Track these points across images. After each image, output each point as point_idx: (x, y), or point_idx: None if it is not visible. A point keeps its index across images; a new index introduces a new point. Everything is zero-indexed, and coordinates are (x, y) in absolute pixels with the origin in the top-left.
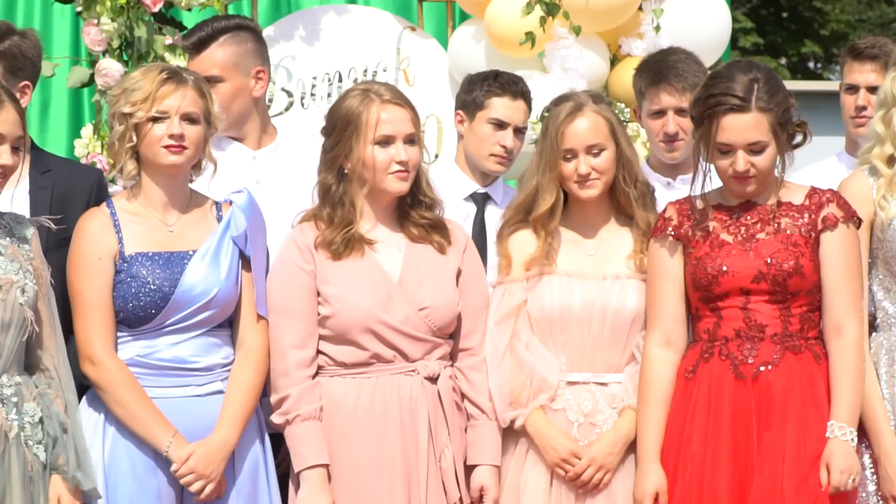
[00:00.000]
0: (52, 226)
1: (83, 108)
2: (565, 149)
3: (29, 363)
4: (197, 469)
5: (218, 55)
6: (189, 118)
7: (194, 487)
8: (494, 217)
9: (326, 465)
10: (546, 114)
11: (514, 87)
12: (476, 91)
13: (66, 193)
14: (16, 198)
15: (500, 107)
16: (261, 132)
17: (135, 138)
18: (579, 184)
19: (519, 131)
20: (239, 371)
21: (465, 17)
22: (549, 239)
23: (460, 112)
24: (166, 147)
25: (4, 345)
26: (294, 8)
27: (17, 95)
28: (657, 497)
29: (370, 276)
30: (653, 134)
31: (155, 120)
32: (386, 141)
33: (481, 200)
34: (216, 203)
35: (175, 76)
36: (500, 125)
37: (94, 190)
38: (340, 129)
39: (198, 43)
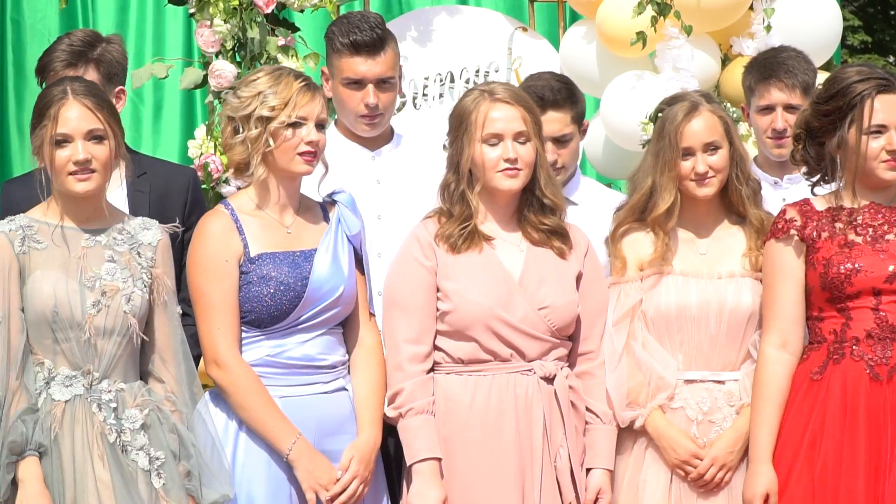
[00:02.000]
0: (179, 230)
1: (196, 110)
2: (683, 147)
3: (144, 371)
4: (360, 473)
5: (391, 56)
6: (321, 125)
7: (349, 491)
8: (571, 216)
9: (438, 459)
10: (659, 114)
11: (539, 101)
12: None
13: (163, 195)
14: (114, 202)
15: (549, 122)
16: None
17: (272, 143)
18: (696, 182)
19: (558, 141)
20: (366, 370)
21: (576, 17)
22: (666, 239)
23: None
24: (301, 154)
25: (105, 351)
26: (406, 9)
27: (113, 101)
28: (767, 498)
29: (491, 273)
30: (760, 130)
31: (293, 126)
32: (494, 139)
33: None
34: (320, 203)
35: (310, 83)
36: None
37: (190, 190)
38: (455, 127)
39: (377, 42)
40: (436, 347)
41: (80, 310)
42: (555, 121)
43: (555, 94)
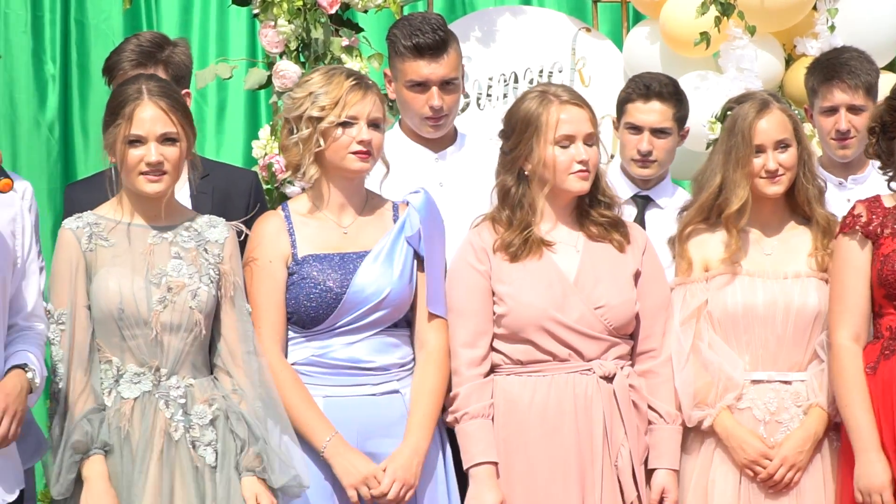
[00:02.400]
0: (245, 229)
1: (259, 110)
2: (755, 144)
3: (214, 366)
4: (398, 476)
5: (455, 58)
6: (374, 124)
7: (395, 496)
8: (655, 220)
9: (495, 463)
10: (728, 113)
11: (644, 89)
12: (620, 95)
13: (226, 197)
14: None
15: (634, 111)
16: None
17: (322, 143)
18: (767, 180)
19: (659, 132)
20: (422, 373)
21: (639, 17)
22: (737, 238)
23: (613, 119)
24: (354, 153)
25: (172, 347)
26: (469, 9)
27: None
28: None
29: (546, 275)
30: (824, 131)
31: (343, 125)
32: (566, 141)
33: (642, 203)
34: (394, 204)
35: (362, 82)
36: (636, 129)
37: (252, 192)
38: (520, 130)
39: (440, 44)
40: (495, 350)
41: (147, 307)
42: (657, 111)
43: (662, 86)
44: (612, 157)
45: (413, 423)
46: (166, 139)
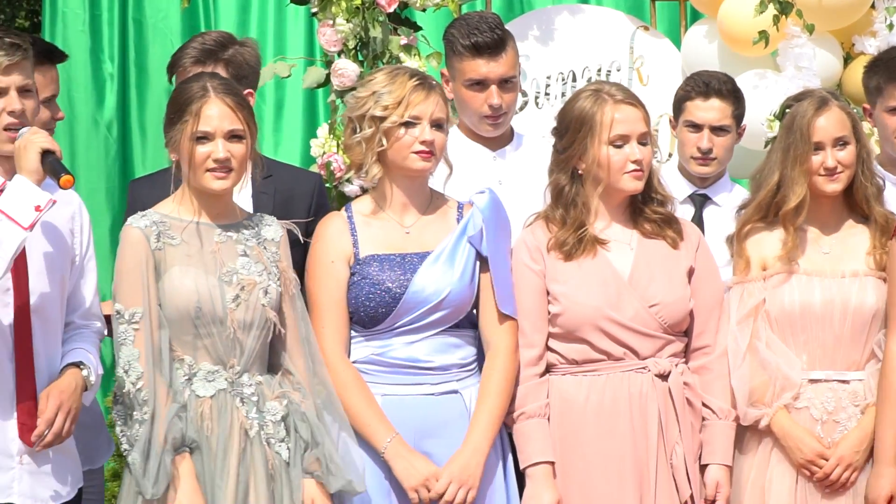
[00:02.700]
0: (297, 229)
1: (318, 109)
2: (814, 142)
3: (273, 364)
4: (456, 478)
5: (513, 56)
6: (437, 124)
7: (453, 498)
8: (713, 218)
9: (551, 463)
10: (786, 110)
11: (704, 87)
12: (678, 94)
13: (288, 199)
14: (240, 203)
15: (694, 109)
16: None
17: (385, 142)
18: (825, 177)
19: (718, 130)
20: (487, 375)
21: (697, 16)
22: (794, 236)
23: (670, 118)
24: (417, 153)
25: (246, 345)
26: (527, 8)
27: None
28: (892, 499)
29: (600, 274)
30: (889, 130)
31: (406, 125)
32: (620, 141)
33: (699, 201)
34: (459, 204)
35: (426, 82)
36: (696, 127)
37: (315, 195)
38: (574, 130)
39: (499, 43)
40: (550, 350)
41: (222, 305)
42: (717, 109)
43: (721, 84)
44: (671, 155)
45: (475, 424)
46: (233, 136)
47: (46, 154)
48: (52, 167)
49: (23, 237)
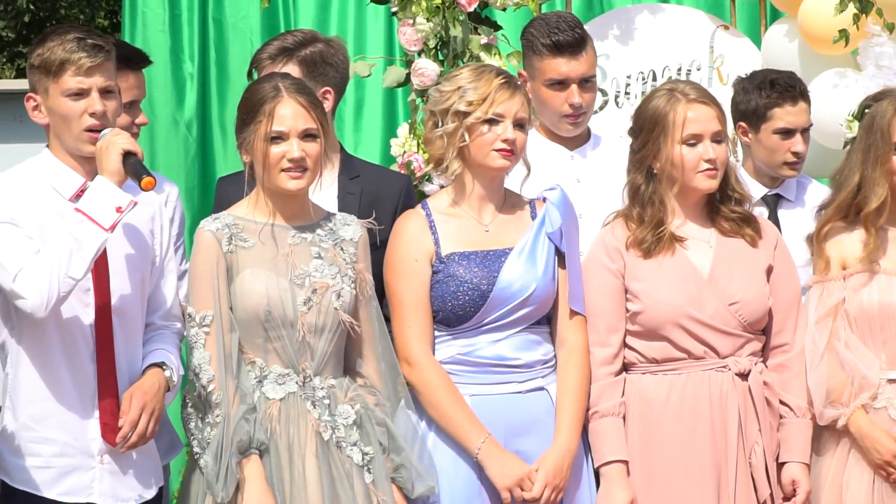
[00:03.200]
0: (376, 227)
1: (397, 108)
2: (894, 142)
3: (348, 366)
4: (549, 481)
5: (592, 55)
6: (520, 124)
7: (546, 500)
8: (788, 216)
9: (625, 462)
10: (865, 110)
11: (791, 91)
12: (755, 101)
13: (374, 199)
14: (325, 203)
15: (784, 115)
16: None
17: (467, 138)
18: None
19: (805, 131)
20: (565, 373)
21: (777, 14)
22: (875, 236)
23: (743, 124)
24: (498, 151)
25: (317, 348)
26: (607, 7)
27: None
28: None
29: (680, 271)
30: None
31: (489, 122)
32: (693, 140)
33: (773, 202)
34: (530, 201)
35: (511, 81)
36: (789, 133)
37: (402, 196)
38: (648, 129)
39: (579, 42)
40: (629, 348)
41: (293, 308)
42: (805, 111)
43: (798, 83)
44: (737, 161)
45: (561, 424)
46: (307, 135)
47: (128, 155)
48: (134, 169)
49: (103, 238)
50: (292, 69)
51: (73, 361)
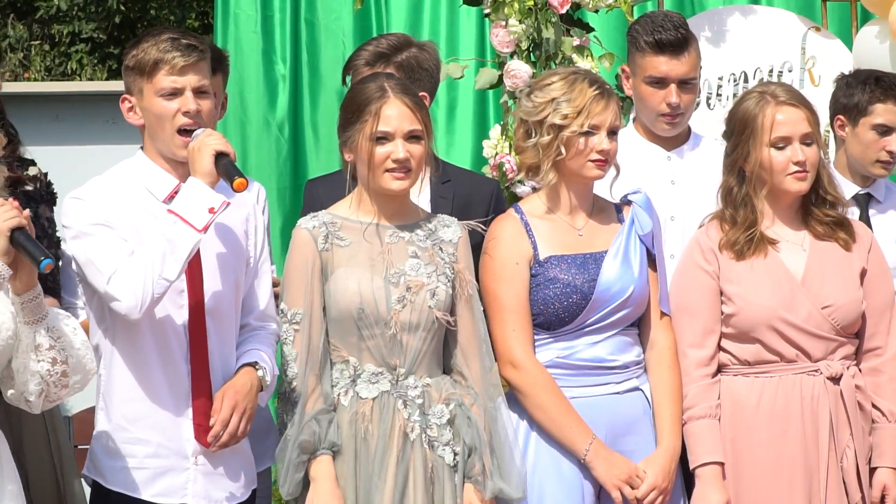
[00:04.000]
0: (481, 228)
1: (488, 109)
2: None
3: (447, 366)
4: (658, 484)
5: (694, 57)
6: (613, 131)
7: (649, 500)
8: (878, 218)
9: (721, 463)
10: None
11: (895, 90)
12: (858, 96)
13: (466, 203)
14: (418, 205)
15: (885, 112)
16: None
17: (563, 151)
18: None
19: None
20: (659, 374)
21: (868, 16)
22: None
23: (841, 117)
24: (593, 161)
25: (411, 346)
26: (699, 9)
27: None
28: None
29: (773, 274)
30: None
31: (585, 134)
32: (782, 142)
33: (864, 201)
34: (615, 205)
35: (604, 90)
36: (886, 131)
37: (493, 200)
38: (738, 131)
39: (681, 42)
40: (722, 350)
41: (386, 306)
42: None
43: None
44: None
45: (664, 427)
46: (412, 136)
47: (220, 156)
48: (226, 169)
49: (196, 239)
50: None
51: (166, 362)
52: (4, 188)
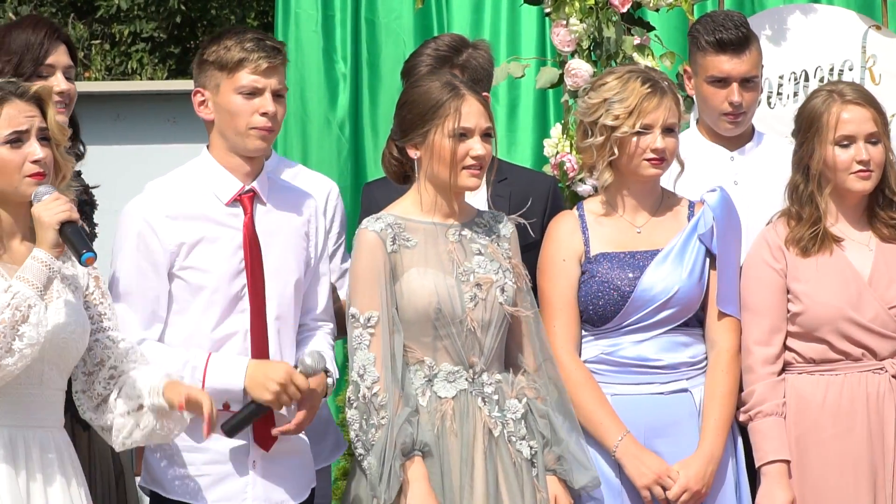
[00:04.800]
0: (527, 223)
1: (548, 109)
2: None
3: (507, 361)
4: (690, 486)
5: (756, 56)
6: (669, 129)
7: (681, 502)
8: None
9: (787, 462)
10: None
11: None
12: None
13: (523, 201)
14: (475, 206)
15: None
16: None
17: (616, 151)
18: None
19: None
20: (713, 376)
21: None
22: None
23: None
24: (648, 160)
25: (485, 343)
26: (758, 7)
27: None
28: None
29: (840, 273)
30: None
31: (638, 134)
32: (846, 141)
33: None
34: (690, 203)
35: (656, 87)
36: None
37: (550, 197)
38: (805, 129)
39: (743, 41)
40: (787, 348)
41: (460, 304)
42: None
43: None
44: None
45: (708, 429)
46: (486, 134)
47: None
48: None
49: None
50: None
51: None
52: (69, 187)
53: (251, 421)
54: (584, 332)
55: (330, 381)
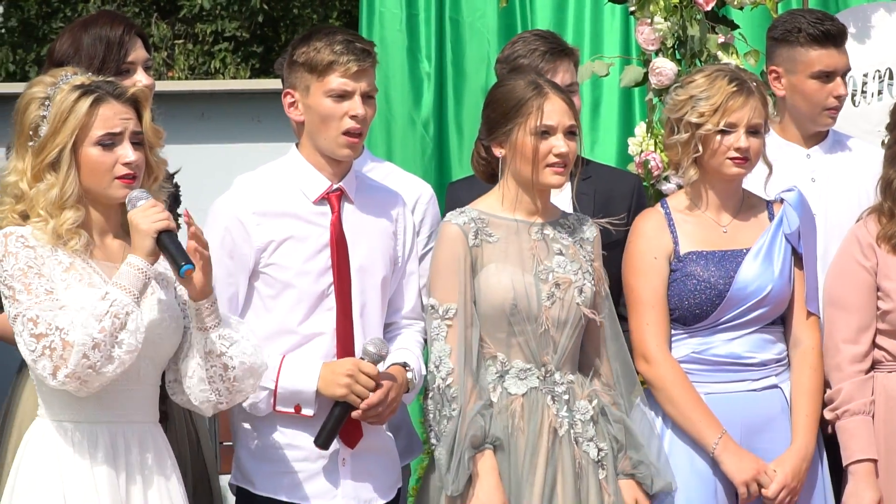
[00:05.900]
0: (611, 227)
1: (633, 107)
2: None
3: (582, 363)
4: (787, 484)
5: (844, 54)
6: (754, 129)
7: (779, 499)
8: None
9: (874, 461)
10: None
11: None
12: None
13: (608, 199)
14: (560, 204)
15: None
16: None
17: (700, 148)
18: None
19: None
20: (800, 374)
21: None
22: None
23: None
24: (731, 159)
25: (559, 343)
26: (842, 6)
27: None
28: None
29: None
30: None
31: (721, 133)
32: None
33: None
34: (768, 202)
35: (743, 86)
36: None
37: (634, 195)
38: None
39: (843, 33)
40: (876, 346)
41: (537, 302)
42: None
43: None
44: None
45: (799, 427)
46: (569, 132)
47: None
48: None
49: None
50: (564, 70)
51: None
52: (161, 189)
53: (339, 427)
54: (674, 332)
55: (410, 375)
